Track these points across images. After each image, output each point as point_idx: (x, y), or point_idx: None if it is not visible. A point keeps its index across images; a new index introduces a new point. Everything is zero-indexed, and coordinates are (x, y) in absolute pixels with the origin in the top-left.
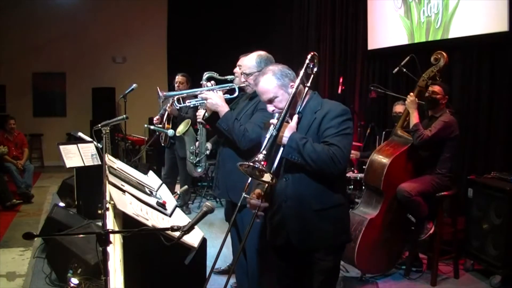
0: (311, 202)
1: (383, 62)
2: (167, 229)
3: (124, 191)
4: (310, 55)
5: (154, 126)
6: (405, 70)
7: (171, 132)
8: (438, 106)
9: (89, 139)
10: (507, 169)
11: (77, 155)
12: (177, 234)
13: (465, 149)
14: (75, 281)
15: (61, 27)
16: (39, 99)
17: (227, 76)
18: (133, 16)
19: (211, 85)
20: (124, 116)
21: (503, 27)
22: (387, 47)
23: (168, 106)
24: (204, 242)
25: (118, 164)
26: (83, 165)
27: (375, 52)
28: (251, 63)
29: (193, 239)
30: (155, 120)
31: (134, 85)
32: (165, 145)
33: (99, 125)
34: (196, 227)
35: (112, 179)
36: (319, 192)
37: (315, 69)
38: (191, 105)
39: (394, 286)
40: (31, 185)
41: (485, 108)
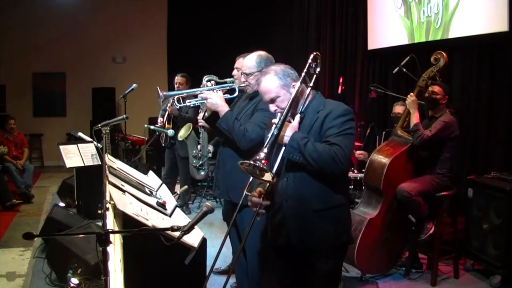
0: (312, 202)
1: (383, 62)
2: (167, 229)
3: (124, 191)
4: (312, 55)
5: (154, 126)
6: (405, 70)
7: (171, 132)
8: (438, 106)
9: (89, 139)
10: (507, 169)
11: (77, 155)
12: (177, 234)
13: (465, 149)
14: (75, 281)
15: (61, 27)
16: (39, 99)
17: (227, 79)
18: (133, 16)
19: (211, 84)
20: (124, 116)
21: (503, 27)
22: (387, 47)
23: (168, 106)
24: (204, 242)
25: (118, 164)
26: (83, 165)
27: (375, 52)
28: (251, 63)
29: (193, 239)
30: (159, 122)
31: (134, 85)
32: (165, 145)
33: (99, 125)
34: (196, 227)
35: (112, 179)
36: (320, 192)
37: (318, 69)
38: (191, 105)
39: (394, 286)
40: (31, 185)
41: (485, 108)
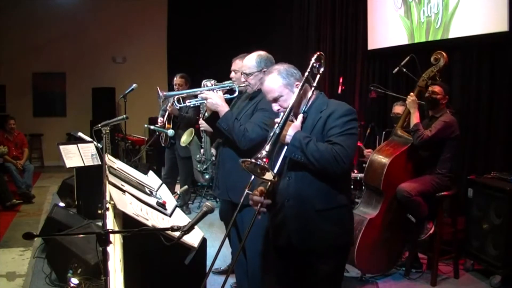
0: (313, 201)
1: (383, 62)
2: (167, 229)
3: (124, 191)
4: (316, 55)
5: (154, 126)
6: (405, 70)
7: (171, 132)
8: (438, 106)
9: (89, 139)
10: (507, 169)
11: (77, 155)
12: (177, 234)
13: (465, 149)
14: (75, 281)
15: (61, 27)
16: (39, 99)
17: (225, 82)
18: (133, 16)
19: (211, 84)
20: (124, 116)
21: (503, 27)
22: (387, 47)
23: (168, 106)
24: (204, 242)
25: (118, 164)
26: (83, 165)
27: (375, 52)
28: (251, 63)
29: (193, 239)
30: (159, 122)
31: (134, 85)
32: (165, 145)
33: (99, 125)
34: (196, 227)
35: (112, 179)
36: (322, 192)
37: (322, 69)
38: (191, 105)
39: (394, 286)
40: (31, 185)
41: (485, 108)
